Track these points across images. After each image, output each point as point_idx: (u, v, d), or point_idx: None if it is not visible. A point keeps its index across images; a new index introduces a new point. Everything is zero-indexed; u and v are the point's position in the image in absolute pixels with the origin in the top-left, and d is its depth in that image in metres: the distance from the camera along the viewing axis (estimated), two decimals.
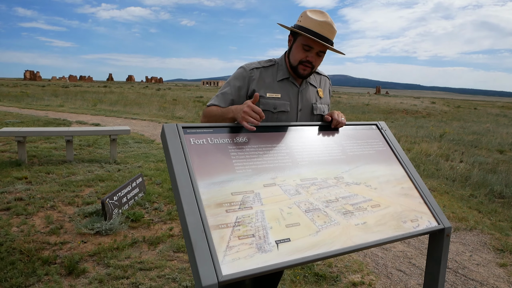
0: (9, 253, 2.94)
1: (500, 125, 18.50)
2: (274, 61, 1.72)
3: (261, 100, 1.64)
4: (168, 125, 1.34)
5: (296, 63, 1.65)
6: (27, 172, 5.21)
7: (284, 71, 1.71)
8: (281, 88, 1.69)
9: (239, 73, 1.68)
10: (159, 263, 2.90)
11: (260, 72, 1.67)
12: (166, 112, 16.46)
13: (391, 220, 1.51)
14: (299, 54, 1.63)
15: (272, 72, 1.70)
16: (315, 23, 1.58)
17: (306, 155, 1.56)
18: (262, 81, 1.66)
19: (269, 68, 1.69)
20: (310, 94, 1.76)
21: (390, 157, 1.79)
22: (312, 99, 1.76)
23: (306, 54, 1.62)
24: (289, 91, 1.70)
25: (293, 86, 1.71)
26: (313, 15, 1.61)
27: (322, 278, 2.85)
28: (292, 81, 1.71)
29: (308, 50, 1.62)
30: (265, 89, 1.65)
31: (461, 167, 7.21)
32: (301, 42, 1.62)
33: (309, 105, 1.75)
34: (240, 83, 1.66)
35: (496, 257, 3.42)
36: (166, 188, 4.76)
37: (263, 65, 1.69)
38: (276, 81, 1.69)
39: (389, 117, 20.39)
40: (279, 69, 1.71)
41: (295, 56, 1.65)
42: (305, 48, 1.61)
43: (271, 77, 1.68)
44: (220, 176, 1.30)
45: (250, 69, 1.67)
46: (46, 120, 10.93)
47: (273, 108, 1.65)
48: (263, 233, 1.22)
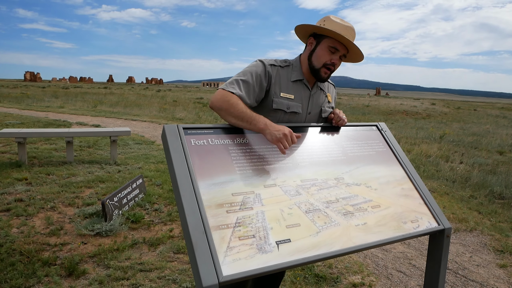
0: (9, 254, 2.93)
1: (500, 126, 18.50)
2: (289, 62, 1.72)
3: (275, 99, 1.63)
4: (169, 126, 1.35)
5: (320, 65, 1.65)
6: (27, 173, 5.21)
7: (298, 73, 1.71)
8: (294, 90, 1.69)
9: (259, 65, 1.62)
10: (159, 264, 2.90)
11: (277, 70, 1.66)
12: (167, 113, 16.47)
13: (391, 220, 1.51)
14: (325, 56, 1.63)
15: (287, 73, 1.69)
16: (341, 27, 1.59)
17: (307, 156, 1.56)
18: (278, 79, 1.65)
19: (284, 68, 1.69)
20: (320, 98, 1.78)
21: (390, 158, 1.79)
22: (321, 103, 1.79)
23: (331, 57, 1.63)
24: (301, 93, 1.71)
25: (306, 89, 1.72)
26: (338, 19, 1.62)
27: (322, 279, 2.84)
28: (305, 83, 1.72)
29: (334, 53, 1.63)
30: (280, 88, 1.65)
31: (461, 168, 7.21)
32: (327, 44, 1.62)
33: (318, 109, 1.77)
34: (262, 75, 1.60)
35: (496, 258, 3.41)
36: (166, 189, 4.76)
37: (280, 64, 1.68)
38: (291, 81, 1.69)
39: (389, 119, 20.39)
40: (293, 70, 1.71)
41: (320, 59, 1.64)
42: (331, 50, 1.62)
43: (286, 77, 1.68)
44: (221, 176, 1.30)
45: (269, 64, 1.64)
46: (46, 121, 10.93)
47: (286, 108, 1.65)
48: (263, 233, 1.22)
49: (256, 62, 1.64)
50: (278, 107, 1.63)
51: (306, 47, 1.72)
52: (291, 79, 1.68)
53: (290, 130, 1.45)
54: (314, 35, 1.67)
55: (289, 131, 1.44)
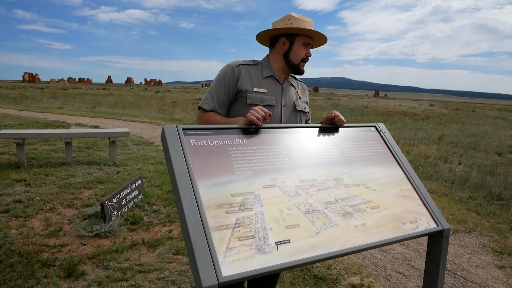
0: (8, 255, 2.93)
1: (498, 127, 18.54)
2: (257, 61, 1.85)
3: (248, 95, 1.74)
4: (168, 127, 1.35)
5: (299, 61, 1.81)
6: (26, 174, 5.20)
7: (269, 70, 1.83)
8: (267, 85, 1.80)
9: (226, 70, 1.76)
10: (158, 266, 2.90)
11: (245, 69, 1.78)
12: (165, 114, 16.47)
13: (390, 221, 1.51)
14: (302, 52, 1.80)
15: (257, 70, 1.81)
16: (306, 23, 1.76)
17: (306, 157, 1.56)
18: (248, 77, 1.77)
19: (253, 66, 1.81)
20: (291, 92, 1.89)
21: (389, 159, 1.79)
22: (293, 97, 1.89)
23: (306, 51, 1.81)
24: (274, 87, 1.82)
25: (277, 84, 1.84)
26: (301, 17, 1.77)
27: (321, 280, 2.85)
28: (276, 79, 1.83)
29: (307, 46, 1.81)
30: (251, 84, 1.75)
31: (460, 169, 7.23)
32: (302, 41, 1.79)
33: (292, 102, 1.87)
34: (227, 79, 1.74)
35: (495, 259, 3.42)
36: (165, 190, 4.76)
37: (247, 63, 1.81)
38: (262, 77, 1.80)
39: (387, 120, 20.42)
40: (263, 68, 1.83)
41: (298, 55, 1.80)
42: (306, 45, 1.80)
43: (256, 74, 1.80)
44: (220, 177, 1.31)
45: (236, 65, 1.76)
46: (45, 122, 10.92)
47: (260, 101, 1.75)
48: (263, 234, 1.22)
49: (224, 67, 1.79)
50: (252, 102, 1.73)
51: (275, 47, 1.84)
52: (262, 75, 1.81)
53: (258, 106, 1.55)
54: (286, 35, 1.80)
55: (257, 106, 1.53)
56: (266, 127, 1.59)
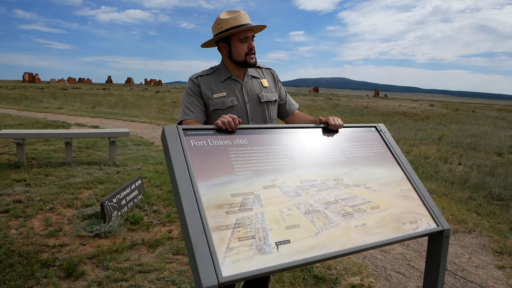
0: (7, 255, 2.93)
1: (498, 127, 18.54)
2: (216, 67, 1.92)
3: (210, 102, 1.82)
4: (169, 127, 1.35)
5: (243, 58, 1.83)
6: (26, 174, 5.20)
7: (225, 72, 1.89)
8: (226, 87, 1.86)
9: (190, 83, 1.87)
10: (158, 266, 2.90)
11: (203, 79, 1.86)
12: (165, 114, 16.47)
13: (391, 222, 1.51)
14: (242, 49, 1.82)
15: (215, 76, 1.88)
16: (233, 20, 1.78)
17: (306, 157, 1.56)
18: (207, 85, 1.85)
19: (211, 74, 1.89)
20: (254, 85, 1.91)
21: (389, 159, 1.80)
22: (257, 89, 1.91)
23: (247, 45, 1.82)
24: (233, 88, 1.87)
25: (236, 83, 1.88)
26: (228, 14, 1.80)
27: (321, 280, 2.84)
28: (234, 79, 1.88)
29: (245, 41, 1.82)
30: (211, 92, 1.83)
31: (460, 169, 7.23)
32: (237, 39, 1.81)
33: (255, 96, 1.90)
34: (193, 89, 1.84)
35: (495, 259, 3.42)
36: (165, 191, 4.76)
37: (206, 72, 1.89)
38: (220, 82, 1.86)
39: (387, 120, 20.42)
40: (221, 72, 1.89)
41: (240, 53, 1.83)
42: (243, 41, 1.81)
43: (215, 81, 1.87)
44: (220, 177, 1.31)
45: (195, 77, 1.86)
46: (45, 122, 10.92)
47: (221, 106, 1.81)
48: (263, 234, 1.22)
49: (188, 83, 1.90)
50: (214, 108, 1.81)
51: (221, 52, 1.90)
52: (220, 80, 1.87)
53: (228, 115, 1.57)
54: (221, 40, 1.85)
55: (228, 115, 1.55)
56: (266, 127, 1.59)
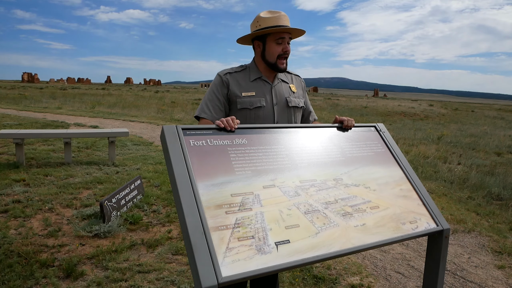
0: (7, 255, 2.92)
1: (497, 127, 18.56)
2: (245, 66, 1.89)
3: (238, 100, 1.78)
4: (168, 127, 1.35)
5: (274, 59, 1.80)
6: (25, 174, 5.19)
7: (256, 72, 1.86)
8: (255, 87, 1.83)
9: (217, 79, 1.83)
10: (158, 266, 2.89)
11: (232, 76, 1.83)
12: (165, 114, 16.45)
13: (390, 221, 1.51)
14: (276, 50, 1.79)
15: (245, 75, 1.85)
16: (273, 19, 1.75)
17: (305, 157, 1.56)
18: (236, 83, 1.82)
19: (240, 72, 1.86)
20: (283, 89, 1.89)
21: (388, 159, 1.79)
22: (286, 93, 1.89)
23: (282, 47, 1.79)
24: (262, 88, 1.84)
25: (266, 84, 1.85)
26: (269, 14, 1.78)
27: (321, 280, 2.84)
28: (264, 79, 1.85)
29: (281, 43, 1.78)
30: (240, 90, 1.80)
31: (459, 169, 7.23)
32: (273, 39, 1.78)
33: (284, 99, 1.87)
34: (221, 88, 1.81)
35: (494, 259, 3.42)
36: (165, 191, 4.75)
37: (235, 70, 1.86)
38: (250, 81, 1.83)
39: (387, 120, 20.43)
40: (251, 71, 1.86)
41: (273, 54, 1.80)
42: (278, 42, 1.78)
43: (244, 79, 1.84)
44: (220, 177, 1.30)
45: (224, 74, 1.83)
46: (44, 122, 10.91)
47: (249, 105, 1.78)
48: (262, 234, 1.22)
49: (215, 78, 1.86)
50: (242, 106, 1.78)
51: (255, 50, 1.88)
52: (250, 79, 1.84)
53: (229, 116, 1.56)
54: (257, 38, 1.82)
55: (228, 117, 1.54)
56: (265, 127, 1.59)
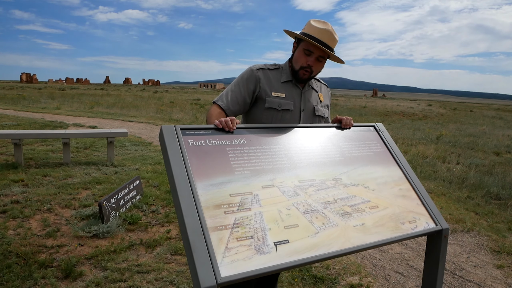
0: (5, 256, 2.91)
1: (496, 127, 18.59)
2: (279, 65, 1.85)
3: (267, 99, 1.75)
4: (167, 127, 1.34)
5: (298, 67, 1.76)
6: (24, 174, 5.18)
7: (288, 74, 1.82)
8: (285, 89, 1.79)
9: (247, 73, 1.79)
10: (157, 266, 2.89)
11: (265, 73, 1.79)
12: (164, 114, 16.44)
13: (389, 221, 1.51)
14: (301, 59, 1.74)
15: (277, 74, 1.81)
16: (316, 30, 1.70)
17: (304, 157, 1.56)
18: (268, 81, 1.78)
19: (273, 71, 1.82)
20: (312, 97, 1.87)
21: (388, 159, 1.79)
22: (314, 101, 1.87)
23: (307, 59, 1.73)
24: (292, 92, 1.80)
25: (296, 88, 1.82)
26: (316, 23, 1.73)
27: (320, 280, 2.84)
28: (295, 84, 1.82)
29: (309, 55, 1.73)
30: (270, 89, 1.77)
31: (458, 169, 7.24)
32: (303, 47, 1.73)
33: (311, 107, 1.85)
34: (249, 82, 1.77)
35: (493, 259, 3.43)
36: (164, 191, 4.75)
37: (269, 67, 1.82)
38: (281, 82, 1.80)
39: (386, 120, 20.45)
40: (283, 72, 1.83)
41: (297, 61, 1.76)
42: (306, 52, 1.73)
43: (276, 79, 1.80)
44: (219, 177, 1.30)
45: (257, 69, 1.79)
46: (42, 123, 10.89)
47: (278, 106, 1.75)
48: (261, 234, 1.22)
49: (246, 70, 1.81)
50: (270, 106, 1.74)
51: (292, 50, 1.84)
52: (281, 80, 1.80)
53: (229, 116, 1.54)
54: (297, 39, 1.79)
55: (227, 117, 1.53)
56: (265, 127, 1.58)
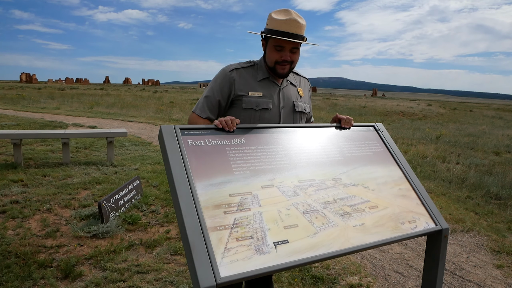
0: (4, 256, 2.91)
1: (495, 127, 18.60)
2: (254, 62, 1.77)
3: (244, 99, 1.69)
4: (166, 127, 1.34)
5: (272, 64, 1.69)
6: (23, 174, 5.18)
7: (264, 71, 1.75)
8: (262, 87, 1.73)
9: (220, 76, 1.72)
10: (156, 266, 2.89)
11: (240, 73, 1.72)
12: (163, 114, 16.43)
13: (389, 221, 1.51)
14: (273, 56, 1.67)
15: (252, 72, 1.74)
16: (280, 23, 1.61)
17: (304, 157, 1.56)
18: (244, 80, 1.71)
19: (248, 69, 1.74)
20: (291, 92, 1.80)
21: (387, 159, 1.79)
22: (293, 97, 1.80)
23: (280, 54, 1.66)
24: (270, 89, 1.74)
25: (274, 85, 1.76)
26: (277, 15, 1.65)
27: (320, 280, 2.84)
28: (272, 80, 1.75)
29: (281, 50, 1.66)
30: (247, 89, 1.70)
31: (458, 169, 7.24)
32: (272, 44, 1.66)
33: (291, 104, 1.78)
34: (222, 85, 1.70)
35: (493, 259, 3.42)
36: (163, 191, 4.75)
37: (243, 66, 1.74)
38: (257, 80, 1.73)
39: (385, 119, 20.45)
40: (258, 69, 1.75)
41: (270, 58, 1.69)
42: (277, 49, 1.65)
43: (252, 77, 1.73)
44: (218, 177, 1.30)
45: (230, 70, 1.71)
46: (42, 123, 10.88)
47: (255, 106, 1.69)
48: (261, 234, 1.21)
49: (218, 72, 1.73)
50: (247, 106, 1.68)
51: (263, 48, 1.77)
52: (257, 78, 1.73)
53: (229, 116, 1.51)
54: (264, 36, 1.71)
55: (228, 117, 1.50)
56: (265, 127, 1.58)
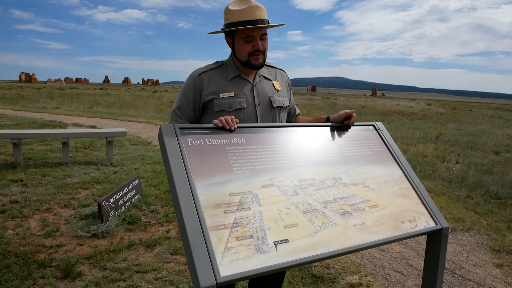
0: (4, 256, 2.91)
1: (495, 126, 18.60)
2: (222, 62, 1.71)
3: (215, 102, 1.62)
4: (166, 126, 1.34)
5: (245, 58, 1.63)
6: (23, 174, 5.17)
7: (234, 70, 1.69)
8: (234, 87, 1.66)
9: (188, 83, 1.66)
10: (156, 266, 2.88)
11: (209, 75, 1.65)
12: (163, 114, 16.43)
13: (389, 220, 1.51)
14: (245, 48, 1.61)
15: (222, 73, 1.68)
16: (242, 13, 1.56)
17: (304, 156, 1.55)
18: (213, 82, 1.64)
19: (217, 69, 1.68)
20: (265, 87, 1.73)
21: (387, 158, 1.79)
22: (269, 92, 1.73)
23: (251, 45, 1.61)
24: (242, 88, 1.67)
25: (246, 82, 1.69)
26: (235, 6, 1.59)
27: (320, 279, 2.84)
28: (244, 78, 1.68)
29: (251, 41, 1.60)
30: (217, 90, 1.63)
31: (457, 168, 7.24)
32: (240, 36, 1.60)
33: (267, 99, 1.71)
34: (192, 93, 1.65)
35: (493, 258, 3.43)
36: (163, 190, 4.74)
37: (210, 67, 1.68)
38: (227, 80, 1.66)
39: (385, 119, 20.45)
40: (228, 68, 1.69)
41: (242, 52, 1.63)
42: (247, 40, 1.60)
43: (222, 78, 1.67)
44: (218, 177, 1.29)
45: (198, 74, 1.65)
46: (41, 122, 10.88)
47: (228, 107, 1.62)
48: (261, 234, 1.21)
49: (187, 79, 1.68)
50: (220, 109, 1.62)
51: (229, 45, 1.70)
52: (227, 78, 1.66)
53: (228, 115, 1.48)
54: (227, 33, 1.65)
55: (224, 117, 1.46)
56: (264, 127, 1.58)
